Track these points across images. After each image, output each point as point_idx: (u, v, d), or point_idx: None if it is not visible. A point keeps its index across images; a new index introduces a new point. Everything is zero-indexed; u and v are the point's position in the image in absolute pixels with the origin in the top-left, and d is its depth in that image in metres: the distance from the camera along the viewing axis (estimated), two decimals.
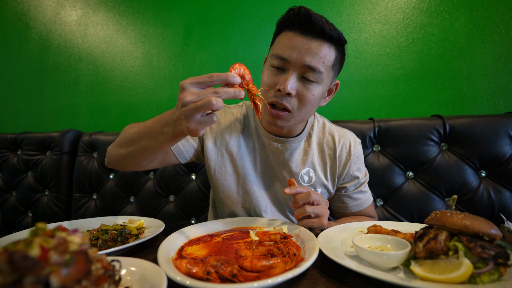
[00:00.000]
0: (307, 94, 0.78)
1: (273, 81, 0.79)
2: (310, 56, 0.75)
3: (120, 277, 0.42)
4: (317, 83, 0.78)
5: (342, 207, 1.01)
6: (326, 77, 0.80)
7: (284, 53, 0.77)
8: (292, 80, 0.76)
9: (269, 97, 0.81)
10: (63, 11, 1.83)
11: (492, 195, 1.09)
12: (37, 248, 0.31)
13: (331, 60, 0.78)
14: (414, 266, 0.51)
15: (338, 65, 0.83)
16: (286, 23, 0.79)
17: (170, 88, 1.71)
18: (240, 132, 0.97)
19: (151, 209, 1.40)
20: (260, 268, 0.51)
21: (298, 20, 0.75)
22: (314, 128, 0.98)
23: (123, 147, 0.82)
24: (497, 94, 1.35)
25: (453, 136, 1.16)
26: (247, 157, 0.96)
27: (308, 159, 0.95)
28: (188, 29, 1.69)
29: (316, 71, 0.76)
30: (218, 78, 0.57)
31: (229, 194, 0.97)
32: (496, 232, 0.51)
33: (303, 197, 0.73)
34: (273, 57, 0.80)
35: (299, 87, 0.78)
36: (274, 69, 0.80)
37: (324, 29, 0.74)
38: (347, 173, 0.96)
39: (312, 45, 0.75)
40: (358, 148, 0.99)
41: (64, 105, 1.85)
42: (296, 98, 0.79)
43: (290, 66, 0.77)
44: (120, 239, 0.76)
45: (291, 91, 0.76)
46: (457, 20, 1.38)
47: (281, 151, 0.94)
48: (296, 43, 0.76)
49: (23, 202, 1.53)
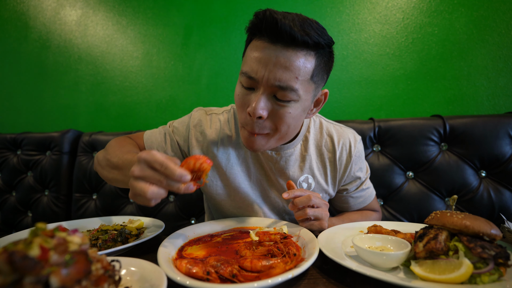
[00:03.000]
0: (283, 113, 0.68)
1: (243, 102, 0.71)
2: (280, 73, 0.63)
3: (120, 277, 0.42)
4: (293, 101, 0.68)
5: (344, 207, 0.99)
6: (305, 92, 0.68)
7: (251, 69, 0.66)
8: (262, 101, 0.66)
9: (241, 121, 0.73)
10: (62, 11, 1.83)
11: (492, 195, 1.09)
12: (37, 248, 0.31)
13: (308, 72, 0.66)
14: (414, 266, 0.51)
15: (321, 73, 0.71)
16: (254, 30, 0.68)
17: (170, 88, 1.71)
18: (228, 141, 0.89)
19: (151, 209, 1.40)
20: (260, 268, 0.51)
21: (265, 26, 0.63)
22: (310, 130, 0.89)
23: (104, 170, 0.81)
24: (497, 94, 1.35)
25: (453, 136, 1.16)
26: (238, 167, 0.89)
27: (305, 165, 0.88)
28: (188, 29, 1.68)
29: (288, 89, 0.65)
30: (167, 172, 0.53)
31: (222, 206, 0.93)
32: (496, 232, 0.51)
33: (303, 201, 0.71)
34: (241, 74, 0.70)
35: (271, 106, 0.68)
36: (244, 89, 0.71)
37: (295, 36, 0.61)
38: (348, 175, 0.91)
39: (282, 57, 0.63)
40: (359, 146, 0.91)
41: (64, 105, 1.84)
42: (269, 120, 0.70)
43: (259, 84, 0.66)
44: (120, 239, 0.76)
45: (262, 114, 0.66)
46: (457, 20, 1.38)
47: (275, 159, 0.86)
48: (264, 57, 0.64)
49: (23, 202, 1.53)
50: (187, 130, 0.90)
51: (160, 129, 0.95)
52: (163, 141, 0.92)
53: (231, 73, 1.64)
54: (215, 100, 1.67)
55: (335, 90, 1.53)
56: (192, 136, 0.89)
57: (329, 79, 1.62)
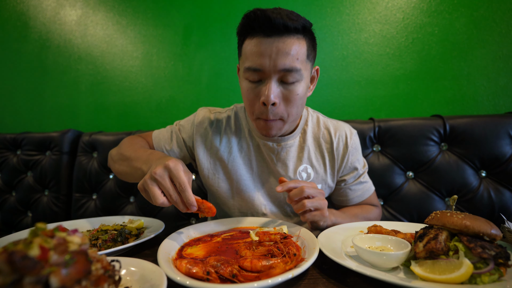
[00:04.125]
0: (292, 96, 0.76)
1: (254, 94, 0.77)
2: (283, 58, 0.71)
3: (120, 277, 0.42)
4: (298, 81, 0.76)
5: (343, 201, 1.00)
6: (305, 71, 0.77)
7: (255, 63, 0.73)
8: (273, 89, 0.73)
9: (255, 112, 0.79)
10: (62, 11, 1.83)
11: (492, 195, 1.09)
12: (37, 248, 0.31)
13: (304, 53, 0.75)
14: (414, 266, 0.51)
15: (312, 52, 0.80)
16: (247, 30, 0.75)
17: (170, 88, 1.71)
18: (231, 136, 0.96)
19: (151, 209, 1.40)
20: (260, 268, 0.51)
21: (258, 24, 0.71)
22: (308, 123, 0.96)
23: (116, 164, 0.92)
24: (497, 94, 1.35)
25: (453, 136, 1.16)
26: (240, 160, 0.95)
27: (304, 155, 0.93)
28: (188, 29, 1.68)
29: (294, 71, 0.73)
30: (183, 195, 0.63)
31: (224, 200, 0.97)
32: (497, 232, 0.51)
33: (296, 194, 0.71)
34: (246, 71, 0.76)
35: (282, 92, 0.75)
36: (252, 83, 0.77)
37: (287, 25, 0.70)
38: (345, 165, 0.94)
39: (280, 45, 0.71)
40: (355, 139, 0.97)
41: (64, 105, 1.84)
42: (282, 104, 0.77)
43: (266, 74, 0.73)
44: (120, 239, 0.76)
45: (275, 101, 0.74)
46: (457, 20, 1.38)
47: (277, 150, 0.92)
48: (264, 49, 0.71)
49: (23, 202, 1.53)
50: (192, 128, 0.98)
51: (167, 128, 1.03)
52: (169, 138, 0.99)
53: (231, 73, 1.64)
54: (215, 100, 1.67)
55: (335, 90, 1.53)
56: (197, 132, 0.97)
57: (329, 79, 1.62)
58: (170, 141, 0.98)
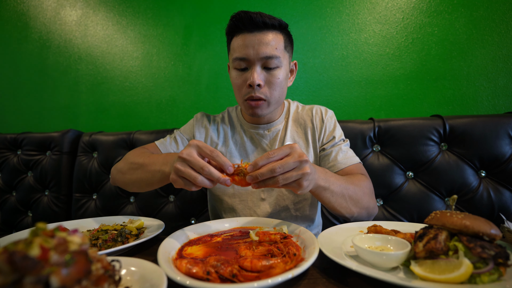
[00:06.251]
0: (274, 80, 0.89)
1: (242, 80, 0.90)
2: (264, 47, 0.85)
3: (120, 277, 0.42)
4: (278, 67, 0.89)
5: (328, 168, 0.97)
6: (284, 59, 0.90)
7: (242, 53, 0.87)
8: (258, 73, 0.87)
9: (243, 94, 0.91)
10: (63, 11, 1.83)
11: (492, 195, 1.09)
12: (37, 248, 0.31)
13: (282, 44, 0.89)
14: (414, 266, 0.51)
15: (289, 46, 0.94)
16: (234, 29, 0.90)
17: (170, 88, 1.72)
18: (226, 131, 1.08)
19: (151, 209, 1.40)
20: (260, 268, 0.51)
21: (242, 23, 0.86)
22: (290, 110, 1.09)
23: (126, 174, 0.91)
24: (497, 94, 1.35)
25: (453, 136, 1.16)
26: (236, 152, 1.05)
27: (288, 133, 1.03)
28: (188, 29, 1.69)
29: (274, 57, 0.86)
30: (217, 159, 0.63)
31: (224, 190, 1.02)
32: (496, 232, 0.51)
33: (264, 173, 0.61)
34: (234, 61, 0.90)
35: (265, 76, 0.89)
36: (239, 71, 0.91)
37: (266, 21, 0.85)
38: (324, 134, 1.03)
39: (262, 37, 0.86)
40: (330, 114, 1.07)
41: (64, 105, 1.85)
42: (266, 87, 0.89)
43: (251, 62, 0.87)
44: (120, 239, 0.76)
45: (260, 82, 0.87)
46: (457, 20, 1.38)
47: (267, 135, 1.04)
48: (249, 42, 0.86)
49: (23, 202, 1.53)
50: (192, 127, 1.09)
51: (166, 137, 1.08)
52: (174, 143, 1.06)
53: None
54: (215, 100, 1.67)
55: (335, 90, 1.53)
56: (197, 129, 1.08)
57: (329, 79, 1.62)
58: (176, 145, 1.05)
